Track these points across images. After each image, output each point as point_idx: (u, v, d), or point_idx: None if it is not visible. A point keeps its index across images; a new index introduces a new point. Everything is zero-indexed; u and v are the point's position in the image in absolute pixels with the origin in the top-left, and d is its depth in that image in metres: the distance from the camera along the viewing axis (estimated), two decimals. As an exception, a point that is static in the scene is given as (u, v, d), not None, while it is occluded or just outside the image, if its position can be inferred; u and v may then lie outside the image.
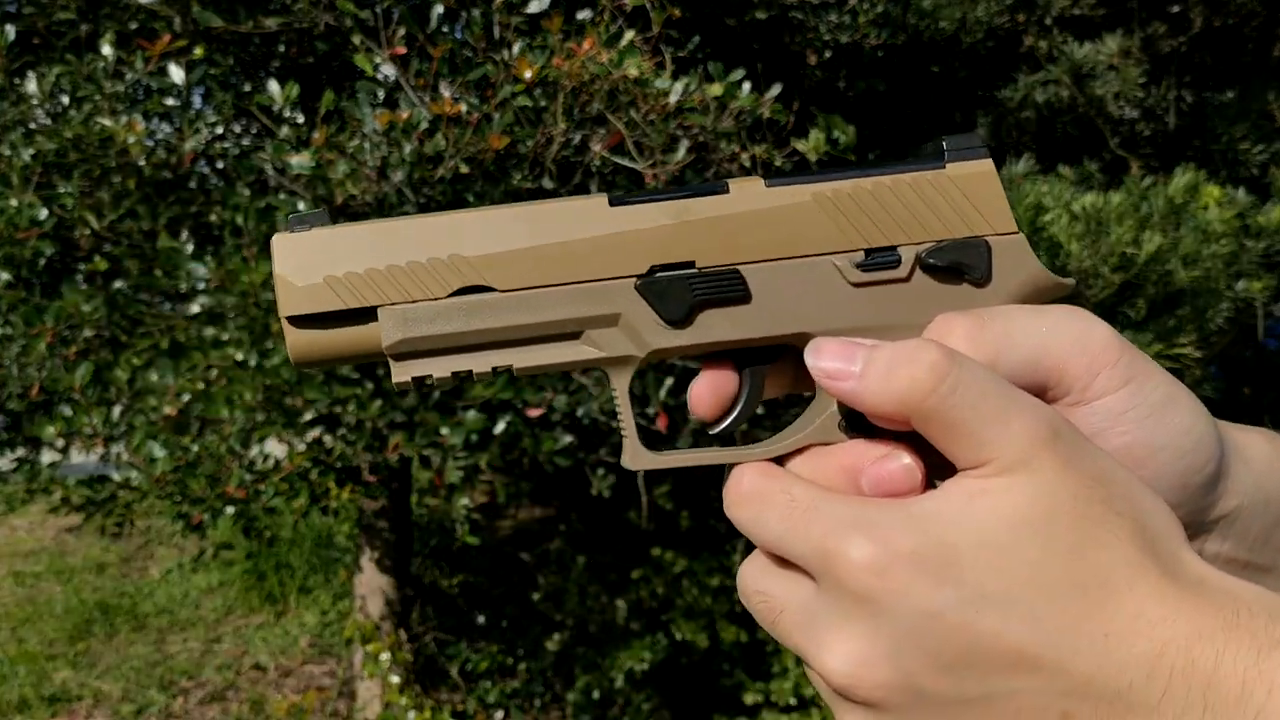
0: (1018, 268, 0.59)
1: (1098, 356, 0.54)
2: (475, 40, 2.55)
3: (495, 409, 2.69)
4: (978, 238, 0.59)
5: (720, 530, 4.66)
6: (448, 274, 0.58)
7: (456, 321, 0.58)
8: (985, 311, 0.56)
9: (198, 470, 2.51)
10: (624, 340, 0.59)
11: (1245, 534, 0.58)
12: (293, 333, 0.59)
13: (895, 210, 0.59)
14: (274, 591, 5.88)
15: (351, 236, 0.59)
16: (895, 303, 0.59)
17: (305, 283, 0.58)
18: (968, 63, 3.28)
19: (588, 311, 0.59)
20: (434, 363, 0.59)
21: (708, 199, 0.59)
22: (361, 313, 0.59)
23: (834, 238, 0.59)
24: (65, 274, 2.93)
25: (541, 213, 0.59)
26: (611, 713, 4.28)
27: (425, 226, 0.59)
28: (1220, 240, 2.51)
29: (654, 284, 0.59)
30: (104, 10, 2.80)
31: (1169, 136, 3.16)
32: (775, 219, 0.59)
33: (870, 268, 0.59)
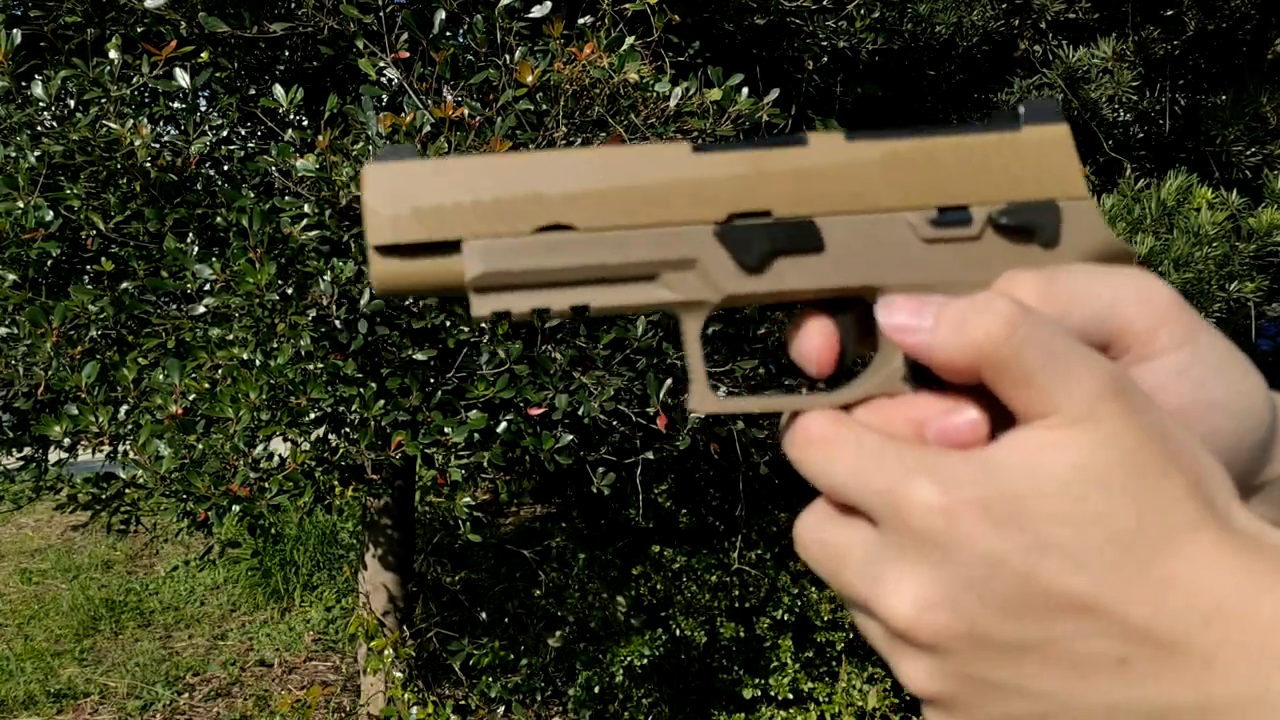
0: (1086, 232, 0.59)
1: (1160, 315, 0.55)
2: (478, 45, 2.58)
3: (497, 408, 2.72)
4: (1048, 200, 0.59)
5: (719, 528, 4.69)
6: (531, 211, 0.59)
7: (538, 258, 0.59)
8: (1053, 268, 0.57)
9: (203, 468, 2.54)
10: (699, 284, 0.60)
11: None
12: (378, 261, 0.59)
13: (970, 170, 0.60)
14: (279, 588, 5.91)
15: (440, 169, 0.59)
16: (965, 260, 0.59)
17: (393, 212, 0.59)
18: (963, 67, 3.31)
19: (666, 254, 0.59)
20: (514, 298, 0.59)
21: (788, 150, 0.60)
22: (446, 245, 0.59)
23: (909, 194, 0.60)
24: (72, 274, 2.96)
25: (625, 155, 0.60)
26: (612, 707, 4.32)
27: (512, 164, 0.60)
28: (1212, 243, 2.54)
29: (732, 230, 0.59)
30: (110, 15, 2.83)
31: (1163, 139, 3.18)
32: (853, 173, 0.60)
33: (943, 224, 0.59)
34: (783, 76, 3.01)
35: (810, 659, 4.24)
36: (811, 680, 4.16)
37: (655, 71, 2.57)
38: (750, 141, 0.61)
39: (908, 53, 3.08)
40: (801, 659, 4.20)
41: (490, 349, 2.70)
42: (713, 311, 0.61)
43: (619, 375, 2.73)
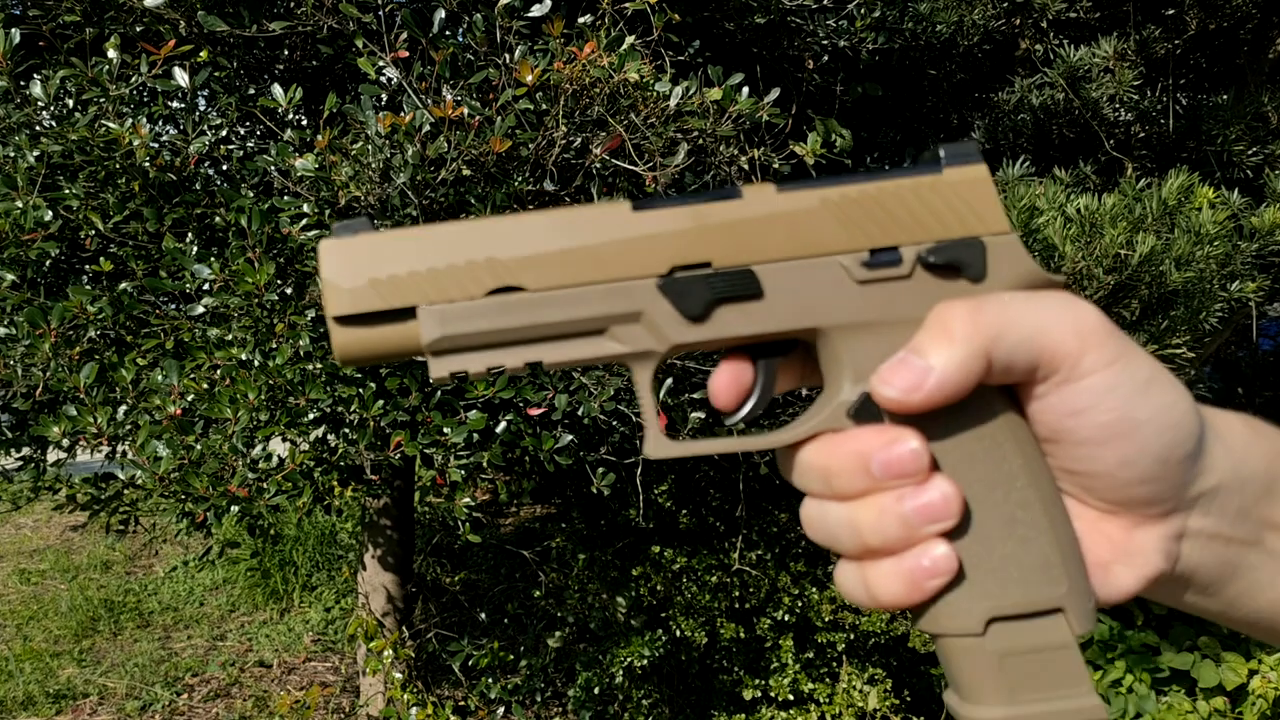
0: (1012, 265, 0.62)
1: (1088, 336, 0.58)
2: (477, 44, 2.57)
3: (497, 408, 2.72)
4: (974, 237, 0.62)
5: (720, 529, 4.68)
6: (483, 275, 0.62)
7: (491, 319, 0.61)
8: (981, 297, 0.60)
9: (201, 469, 2.54)
10: (646, 336, 0.62)
11: (1225, 510, 0.61)
12: (338, 331, 0.62)
13: (897, 213, 0.62)
14: (278, 589, 5.90)
15: (395, 241, 0.62)
16: (898, 298, 0.62)
17: (351, 285, 0.61)
18: (964, 66, 3.30)
19: (612, 309, 0.62)
20: (470, 358, 0.62)
21: (723, 204, 0.63)
22: (402, 312, 0.62)
23: (840, 238, 0.62)
24: (70, 275, 2.95)
25: (569, 217, 0.63)
26: (612, 708, 4.31)
27: (461, 231, 0.62)
28: (1213, 242, 2.54)
29: (674, 283, 0.62)
30: (109, 14, 2.82)
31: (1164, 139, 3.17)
32: (786, 221, 0.63)
33: (874, 266, 0.62)
34: (783, 76, 3.00)
35: (811, 660, 4.24)
36: (812, 681, 4.15)
37: (655, 71, 2.57)
38: (686, 197, 0.63)
39: (908, 52, 3.08)
40: (802, 660, 4.20)
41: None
42: (661, 361, 0.64)
43: (619, 375, 2.72)
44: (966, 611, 0.61)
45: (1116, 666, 3.63)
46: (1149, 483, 0.59)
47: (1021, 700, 0.60)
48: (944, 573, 0.59)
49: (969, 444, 0.61)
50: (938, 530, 0.59)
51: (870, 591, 0.61)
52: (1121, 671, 3.61)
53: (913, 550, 0.60)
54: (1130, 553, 0.61)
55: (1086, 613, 0.61)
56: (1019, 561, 0.61)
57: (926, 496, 0.59)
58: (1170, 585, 0.64)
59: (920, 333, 0.60)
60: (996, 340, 0.58)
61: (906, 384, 0.58)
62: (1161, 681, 3.64)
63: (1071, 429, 0.59)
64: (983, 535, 0.61)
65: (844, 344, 0.63)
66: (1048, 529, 0.61)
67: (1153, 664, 3.64)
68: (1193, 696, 3.58)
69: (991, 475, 0.61)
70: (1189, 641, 3.65)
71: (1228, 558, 0.62)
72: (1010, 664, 0.61)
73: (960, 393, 0.59)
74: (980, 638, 0.61)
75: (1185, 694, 3.59)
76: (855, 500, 0.61)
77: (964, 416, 0.61)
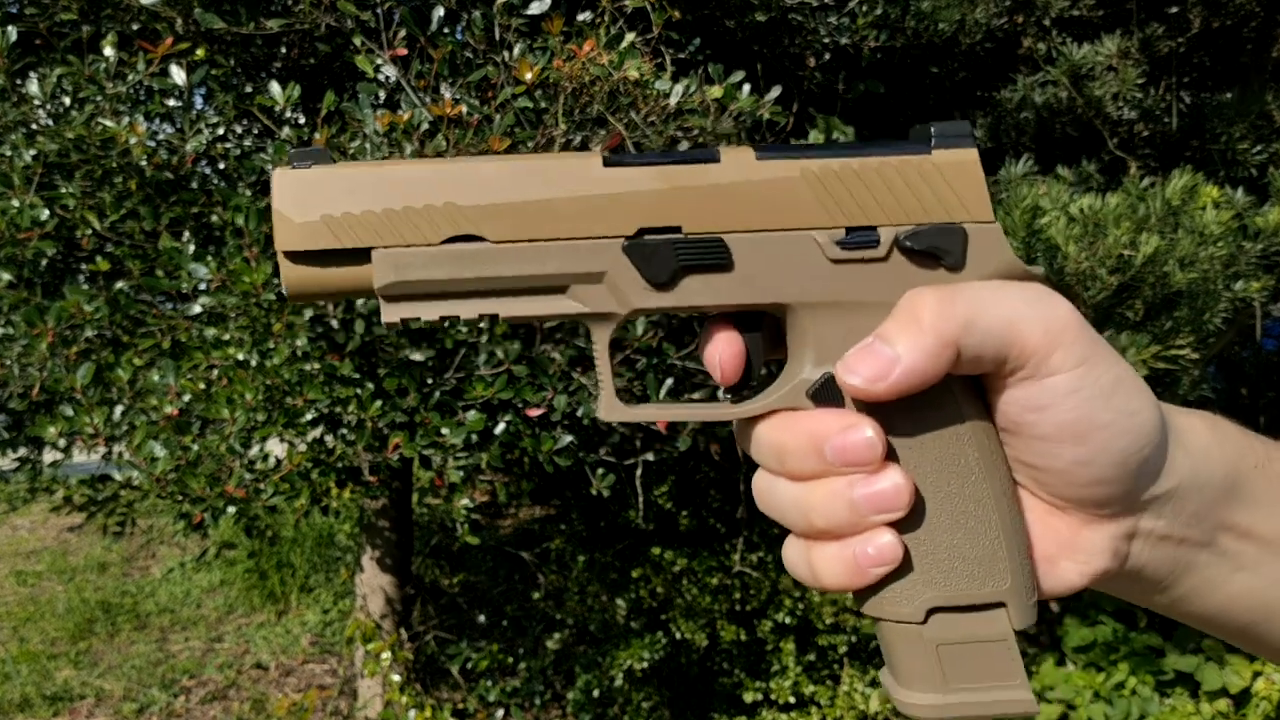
0: (991, 256, 0.61)
1: (1058, 334, 0.57)
2: (476, 42, 2.56)
3: (495, 409, 2.70)
4: (955, 224, 0.60)
5: (720, 530, 4.67)
6: (441, 221, 0.60)
7: (447, 268, 0.60)
8: (953, 286, 0.59)
9: (198, 470, 2.52)
10: (608, 297, 0.61)
11: (1179, 512, 0.61)
12: (288, 267, 0.60)
13: (879, 191, 0.61)
14: (275, 591, 5.89)
15: (351, 178, 0.60)
16: (871, 281, 0.60)
17: (303, 219, 0.59)
18: (966, 64, 3.29)
19: (575, 268, 0.60)
20: (423, 306, 0.61)
21: (699, 167, 0.61)
22: (357, 253, 0.60)
23: (817, 214, 0.61)
24: (67, 274, 2.94)
25: (537, 168, 0.60)
26: (611, 711, 4.29)
27: (423, 173, 0.60)
28: (1217, 242, 2.52)
29: (641, 246, 0.60)
30: (106, 12, 2.80)
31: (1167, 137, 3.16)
32: (762, 191, 0.61)
33: (850, 245, 0.60)
34: (784, 74, 2.99)
35: (812, 662, 4.22)
36: (813, 684, 4.13)
37: (655, 69, 2.55)
38: (662, 155, 0.61)
39: (910, 50, 3.06)
40: (803, 662, 4.18)
41: (489, 349, 2.68)
42: (620, 323, 0.62)
43: (619, 375, 2.70)
44: (909, 600, 0.60)
45: (1120, 668, 3.62)
46: (1103, 484, 0.58)
47: (955, 689, 0.60)
48: (888, 561, 0.59)
49: (928, 435, 0.60)
50: (886, 519, 0.59)
51: (814, 572, 0.61)
52: (1125, 673, 3.59)
53: (859, 537, 0.59)
54: (1078, 549, 0.61)
55: (1028, 608, 0.61)
56: (965, 554, 0.60)
57: (878, 485, 0.58)
58: (1118, 581, 0.63)
59: (889, 320, 0.59)
60: (965, 331, 0.57)
61: (872, 372, 0.57)
62: (1165, 684, 3.63)
63: (1031, 424, 0.58)
64: (932, 526, 0.60)
65: (811, 322, 0.61)
66: (997, 524, 0.60)
67: (1156, 666, 3.63)
68: (1196, 699, 3.56)
69: (947, 468, 0.60)
70: (1193, 644, 3.64)
71: (1178, 558, 0.62)
72: (947, 653, 0.60)
73: (926, 383, 0.58)
74: (921, 626, 0.60)
75: (1189, 696, 3.57)
76: (807, 481, 0.60)
77: (926, 406, 0.60)
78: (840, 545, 0.60)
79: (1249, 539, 0.62)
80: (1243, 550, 0.62)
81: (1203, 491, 0.61)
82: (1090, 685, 3.61)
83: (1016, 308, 0.57)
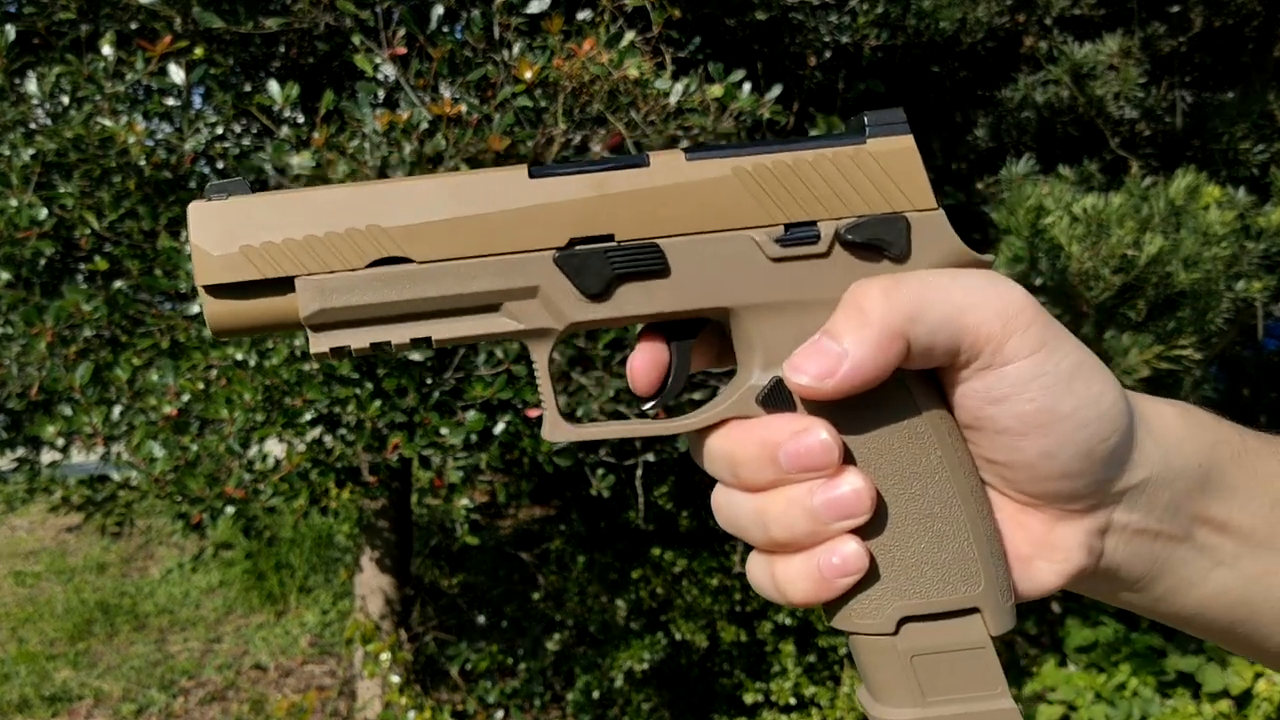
0: (937, 244, 0.59)
1: (1012, 320, 0.55)
2: (475, 41, 2.55)
3: (495, 409, 2.69)
4: (897, 214, 0.59)
5: (720, 530, 4.65)
6: (365, 244, 0.58)
7: (374, 292, 0.58)
8: (898, 275, 0.57)
9: (197, 470, 2.51)
10: (543, 313, 0.59)
11: (1154, 505, 0.59)
12: (210, 302, 0.59)
13: (815, 185, 0.59)
14: (274, 591, 5.88)
15: (269, 206, 0.58)
16: (814, 278, 0.59)
17: (221, 252, 0.58)
18: (967, 63, 3.28)
19: (506, 284, 0.59)
20: (353, 334, 0.59)
21: (628, 172, 0.59)
22: (279, 282, 0.58)
23: (754, 212, 0.59)
24: (66, 274, 2.93)
25: (461, 184, 0.59)
26: (611, 712, 4.28)
27: (343, 197, 0.59)
28: (1220, 242, 2.51)
29: (572, 257, 0.59)
30: (104, 10, 2.80)
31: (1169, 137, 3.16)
32: (695, 193, 0.59)
33: (790, 243, 0.59)
34: (785, 73, 2.98)
35: (812, 664, 4.21)
36: (814, 685, 4.12)
37: (655, 68, 2.54)
38: (590, 163, 0.59)
39: (911, 49, 3.06)
40: (803, 664, 4.17)
41: (488, 349, 2.67)
42: (559, 339, 0.60)
43: (619, 376, 2.69)
44: (878, 610, 0.58)
45: (1122, 669, 3.61)
46: (1071, 478, 0.56)
47: (933, 701, 0.58)
48: (854, 571, 0.57)
49: (886, 435, 0.58)
50: (848, 526, 0.56)
51: (779, 587, 0.58)
52: (1126, 675, 3.59)
53: (822, 546, 0.57)
54: (1052, 548, 0.59)
55: (1004, 612, 0.58)
56: (934, 559, 0.58)
57: (837, 491, 0.56)
58: (1095, 580, 0.61)
59: (835, 315, 0.57)
60: (913, 321, 0.54)
61: (819, 370, 0.55)
62: (1166, 684, 3.62)
63: (992, 417, 0.56)
64: (897, 531, 0.58)
65: (755, 325, 0.59)
66: (966, 525, 0.58)
67: (1158, 667, 3.62)
68: (1198, 700, 3.55)
69: (909, 469, 0.58)
70: (1194, 645, 3.63)
71: (1155, 553, 0.60)
72: (923, 664, 0.58)
73: (876, 378, 0.55)
74: (893, 637, 0.58)
75: (1190, 697, 3.56)
76: (763, 491, 0.58)
77: (881, 405, 0.58)
78: (804, 557, 0.57)
79: (1226, 532, 0.60)
80: (1220, 544, 0.60)
81: (1176, 482, 0.59)
82: (1092, 686, 3.60)
83: (966, 294, 0.55)
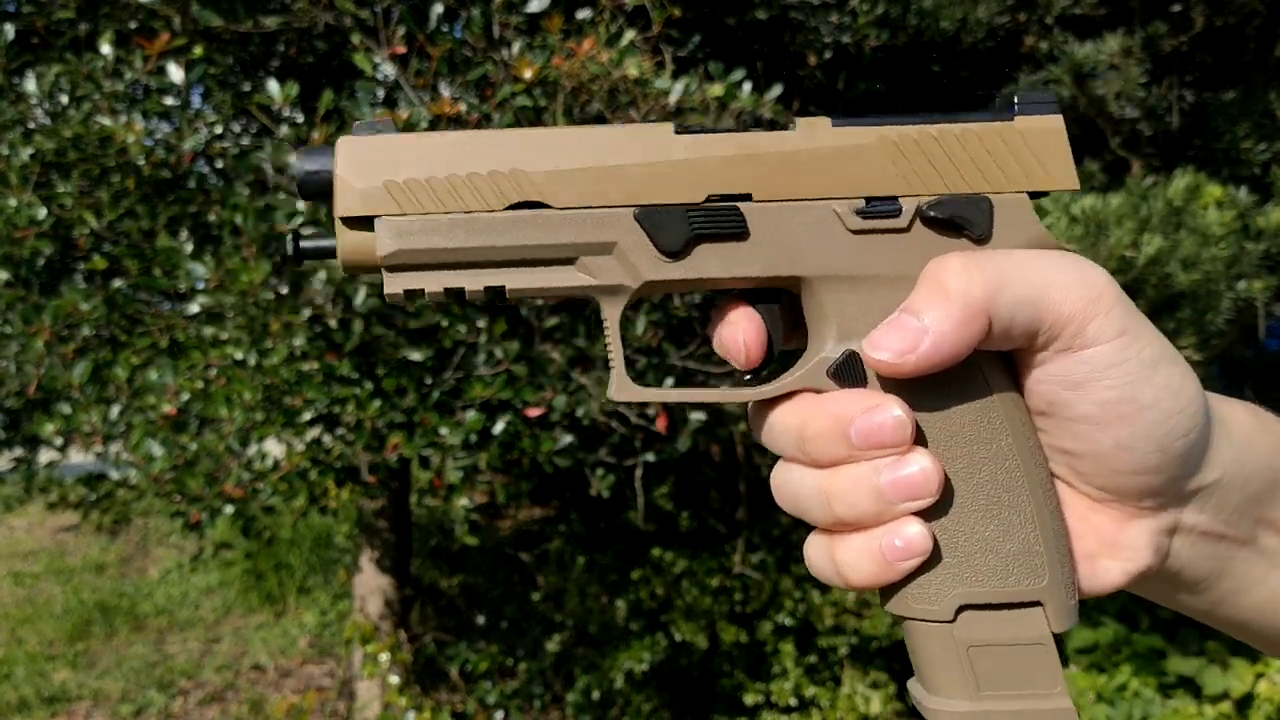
0: (1020, 228, 0.58)
1: (1094, 302, 0.54)
2: (475, 40, 2.54)
3: (495, 409, 2.68)
4: (980, 194, 0.58)
5: (720, 531, 4.65)
6: (506, 187, 0.58)
7: (453, 237, 0.58)
8: (980, 252, 0.57)
9: (196, 469, 2.50)
10: (618, 269, 0.59)
11: (1222, 507, 0.57)
12: (344, 233, 0.59)
13: (959, 159, 0.59)
14: (273, 592, 5.87)
15: (415, 144, 0.59)
16: (892, 252, 0.58)
17: (364, 185, 0.58)
18: (968, 62, 3.28)
19: (584, 238, 0.58)
20: (427, 277, 0.59)
21: (773, 134, 0.59)
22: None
23: (895, 181, 0.58)
24: (64, 273, 2.92)
25: (606, 134, 0.59)
26: (611, 713, 4.27)
27: (488, 139, 0.59)
28: (1219, 243, 2.50)
29: (653, 213, 0.58)
30: (103, 9, 2.79)
31: (1170, 136, 3.15)
32: (838, 158, 0.59)
33: (871, 215, 0.58)
34: (785, 72, 2.98)
35: (813, 665, 4.20)
36: (814, 686, 4.12)
37: (655, 67, 2.54)
38: (734, 128, 0.59)
39: (912, 49, 3.05)
40: (804, 664, 4.16)
41: (487, 349, 2.66)
42: (633, 298, 0.60)
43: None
44: (937, 596, 0.57)
45: (1123, 670, 3.60)
46: (1146, 473, 0.55)
47: (987, 695, 0.57)
48: (917, 554, 0.55)
49: (958, 417, 0.57)
50: (914, 508, 0.55)
51: (839, 569, 0.57)
52: (1127, 675, 3.58)
53: (885, 527, 0.56)
54: (1119, 546, 0.58)
55: (1068, 609, 0.57)
56: (999, 548, 0.57)
57: (905, 470, 0.55)
58: (1157, 582, 0.60)
59: (915, 290, 0.56)
60: (995, 297, 0.53)
61: (900, 346, 0.54)
62: (1168, 686, 3.61)
63: (1069, 402, 0.55)
64: (963, 517, 0.57)
65: (830, 296, 0.58)
66: (1033, 515, 0.57)
67: (1159, 668, 3.61)
68: (1199, 701, 3.55)
69: (978, 453, 0.57)
70: (1196, 646, 3.62)
71: (1219, 555, 0.58)
72: (979, 656, 0.57)
73: (957, 355, 0.54)
74: (950, 625, 0.57)
75: (1191, 698, 3.55)
76: (829, 468, 0.57)
77: (955, 386, 0.57)
78: (866, 537, 0.56)
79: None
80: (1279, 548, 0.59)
81: (1247, 485, 0.57)
82: (1093, 687, 3.59)
83: (1050, 273, 0.54)
